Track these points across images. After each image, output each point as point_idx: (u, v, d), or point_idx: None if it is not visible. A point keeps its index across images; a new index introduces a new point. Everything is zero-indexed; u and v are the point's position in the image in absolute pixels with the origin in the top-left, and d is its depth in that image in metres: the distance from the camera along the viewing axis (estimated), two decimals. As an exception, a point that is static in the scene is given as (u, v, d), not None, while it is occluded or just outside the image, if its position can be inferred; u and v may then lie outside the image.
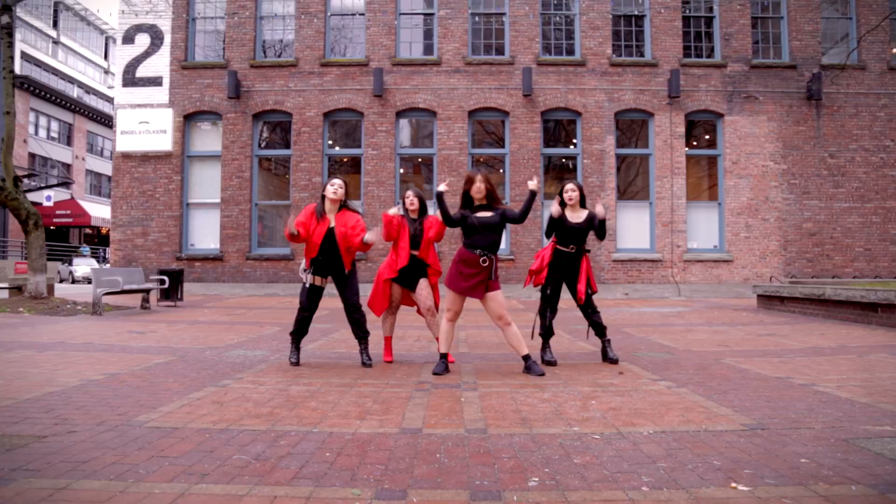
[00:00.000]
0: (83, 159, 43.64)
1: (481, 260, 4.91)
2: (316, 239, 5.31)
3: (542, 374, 4.88)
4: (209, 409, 3.60)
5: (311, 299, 5.54)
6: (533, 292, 15.82)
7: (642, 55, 17.12)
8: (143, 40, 17.19)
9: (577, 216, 5.61)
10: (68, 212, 38.03)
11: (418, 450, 2.83)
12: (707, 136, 17.41)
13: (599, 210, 5.50)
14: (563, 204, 5.67)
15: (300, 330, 5.59)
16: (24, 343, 6.58)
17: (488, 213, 5.05)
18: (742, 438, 3.00)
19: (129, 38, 17.25)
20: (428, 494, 2.28)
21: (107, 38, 52.87)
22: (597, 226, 5.52)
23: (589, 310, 5.61)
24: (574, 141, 16.99)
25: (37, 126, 39.79)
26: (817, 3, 17.17)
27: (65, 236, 42.99)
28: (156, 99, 17.05)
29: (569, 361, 5.66)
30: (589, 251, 5.74)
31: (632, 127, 17.25)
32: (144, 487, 2.31)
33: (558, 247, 5.61)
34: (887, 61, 17.03)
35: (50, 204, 37.26)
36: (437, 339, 5.28)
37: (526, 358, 5.02)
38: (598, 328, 5.63)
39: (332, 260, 5.43)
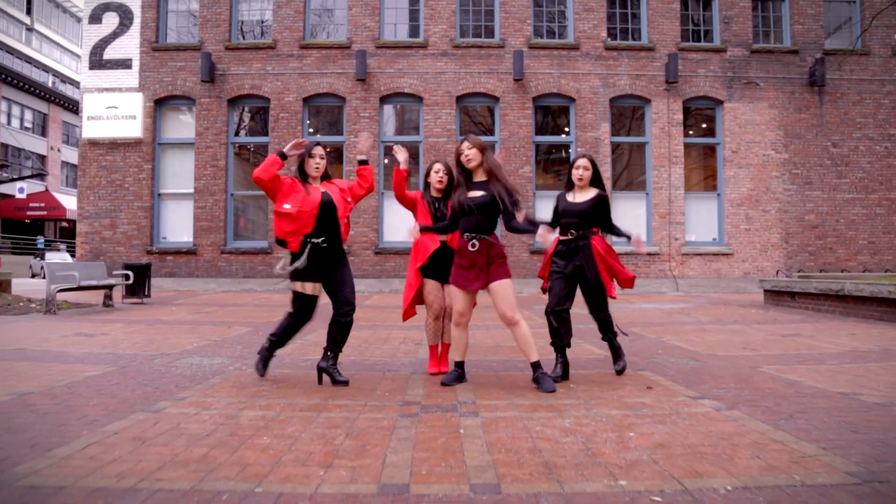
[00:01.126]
0: (59, 150, 42.31)
1: (470, 245, 4.14)
2: (309, 208, 4.15)
3: (553, 391, 4.01)
4: (123, 451, 2.70)
5: (308, 310, 4.33)
6: (524, 286, 15.01)
7: (638, 39, 16.28)
8: (111, 20, 16.10)
9: (581, 195, 4.69)
10: (42, 204, 36.73)
11: (405, 526, 1.96)
12: (706, 124, 16.63)
13: (635, 236, 4.67)
14: (571, 184, 4.79)
15: (283, 340, 4.41)
16: (-56, 349, 5.63)
17: (479, 193, 4.20)
18: (864, 501, 2.14)
19: (95, 18, 16.16)
20: None
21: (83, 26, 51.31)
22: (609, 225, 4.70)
23: (601, 316, 4.71)
24: (567, 128, 16.14)
25: (9, 116, 38.45)
26: (820, -14, 16.42)
27: (39, 230, 41.68)
28: (125, 82, 15.98)
29: (580, 371, 4.81)
30: (595, 233, 4.69)
31: (627, 114, 16.43)
32: None
33: (559, 237, 4.69)
34: (892, 46, 16.30)
35: (23, 196, 35.99)
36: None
37: (535, 366, 4.16)
38: (608, 335, 4.76)
39: (331, 236, 4.24)
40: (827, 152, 16.02)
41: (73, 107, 42.66)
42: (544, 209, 15.09)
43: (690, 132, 16.48)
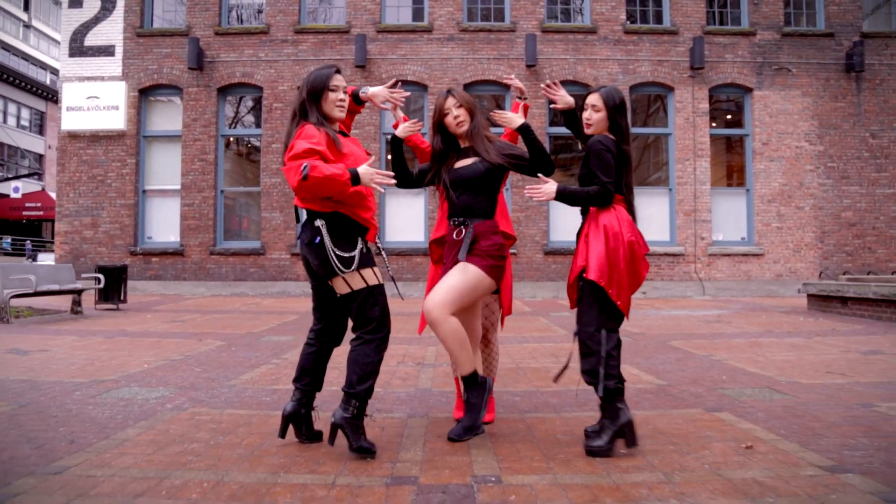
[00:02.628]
0: (56, 149, 41.37)
1: (455, 233, 3.12)
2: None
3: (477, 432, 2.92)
4: None
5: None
6: (538, 290, 13.77)
7: (660, 22, 15.03)
8: (92, 4, 14.96)
9: None
10: (38, 204, 35.79)
11: None
12: (733, 114, 15.37)
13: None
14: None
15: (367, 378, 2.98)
16: None
17: (467, 162, 3.18)
18: None
19: (76, 2, 15.03)
20: None
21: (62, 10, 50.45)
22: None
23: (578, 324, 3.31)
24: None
25: (6, 114, 37.62)
26: (857, -36, 15.14)
27: (36, 230, 40.77)
28: (107, 71, 14.84)
29: (635, 411, 3.57)
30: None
31: (649, 103, 15.21)
32: None
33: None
34: (938, 28, 15.02)
35: (18, 195, 35.03)
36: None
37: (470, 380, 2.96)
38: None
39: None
40: (865, 144, 14.74)
41: (71, 104, 41.76)
42: (562, 206, 13.83)
43: (716, 123, 15.23)
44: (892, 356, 5.52)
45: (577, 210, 3.18)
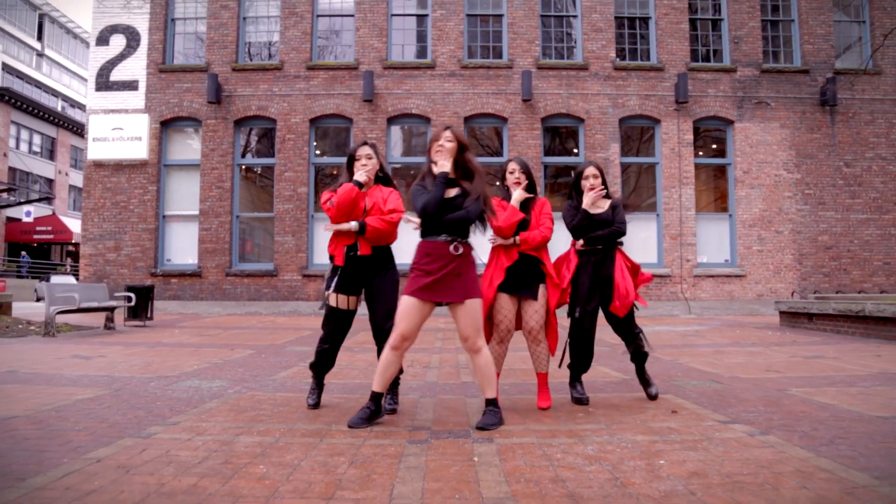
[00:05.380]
0: (66, 174, 42.50)
1: (452, 247, 3.50)
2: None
3: (496, 425, 3.43)
4: (104, 482, 2.47)
5: (334, 324, 3.98)
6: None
7: (648, 59, 16.17)
8: (118, 41, 16.11)
9: (599, 207, 4.48)
10: (49, 228, 36.80)
11: (415, 570, 1.72)
12: (716, 145, 16.43)
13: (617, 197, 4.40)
14: (580, 192, 4.57)
15: (321, 364, 4.08)
16: (-65, 371, 5.42)
17: (454, 191, 3.66)
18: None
19: (103, 40, 16.17)
20: None
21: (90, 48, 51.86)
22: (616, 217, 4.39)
23: (631, 326, 4.35)
24: (576, 149, 15.97)
25: (18, 140, 38.71)
26: (829, 6, 16.31)
27: (46, 253, 41.72)
28: (131, 104, 15.94)
29: (598, 394, 4.55)
30: (622, 244, 4.54)
31: (637, 134, 16.26)
32: None
33: (583, 248, 4.37)
34: (905, 66, 16.15)
35: (30, 220, 36.05)
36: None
37: (489, 402, 3.55)
38: (639, 356, 4.40)
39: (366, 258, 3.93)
40: (840, 172, 15.79)
41: (81, 131, 42.89)
42: (555, 231, 14.83)
43: (701, 153, 16.28)
44: (829, 360, 6.47)
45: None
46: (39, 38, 46.81)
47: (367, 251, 3.89)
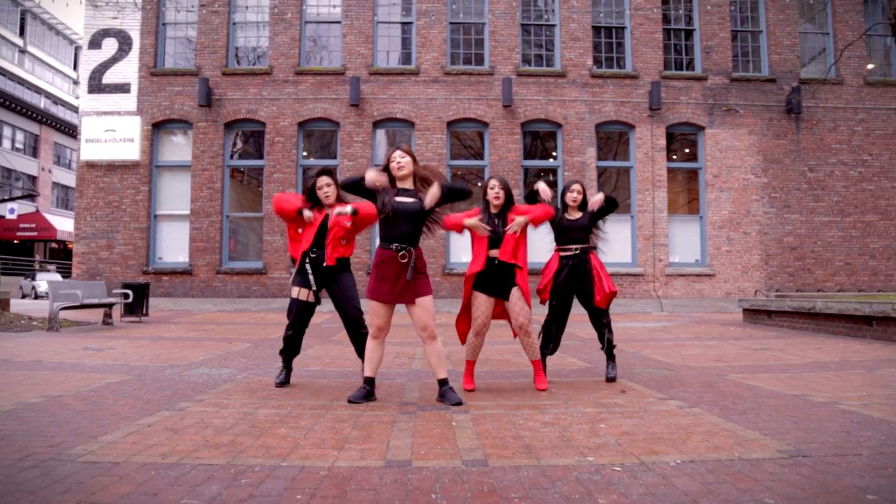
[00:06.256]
0: (50, 171, 42.52)
1: (400, 256, 4.12)
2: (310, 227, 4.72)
3: (460, 403, 4.07)
4: (160, 438, 3.10)
5: (297, 315, 4.76)
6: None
7: (623, 67, 16.92)
8: (110, 45, 16.57)
9: (576, 214, 5.26)
10: (33, 225, 36.89)
11: (409, 488, 2.36)
12: (688, 149, 17.23)
13: (597, 198, 5.14)
14: (564, 207, 5.32)
15: (288, 349, 4.86)
16: (-36, 361, 5.98)
17: (408, 200, 4.21)
18: (786, 469, 2.58)
19: (95, 43, 16.62)
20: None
21: (76, 48, 51.82)
22: (597, 211, 5.22)
23: (604, 320, 5.15)
24: (554, 153, 16.69)
25: (0, 136, 38.71)
26: (795, 18, 17.18)
27: (29, 250, 41.73)
28: (123, 106, 16.42)
29: (563, 379, 5.24)
30: (596, 248, 5.32)
31: (613, 139, 17.01)
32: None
33: (560, 252, 5.20)
34: (864, 76, 17.05)
35: (13, 217, 36.16)
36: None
37: (442, 383, 4.21)
38: (609, 345, 5.16)
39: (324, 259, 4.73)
40: (804, 177, 16.65)
41: (64, 128, 43.00)
42: (533, 231, 15.52)
43: (673, 157, 17.07)
44: (775, 352, 7.21)
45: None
46: (21, 34, 46.71)
47: (332, 262, 4.72)
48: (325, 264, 4.68)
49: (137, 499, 2.21)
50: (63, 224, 38.26)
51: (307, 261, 4.71)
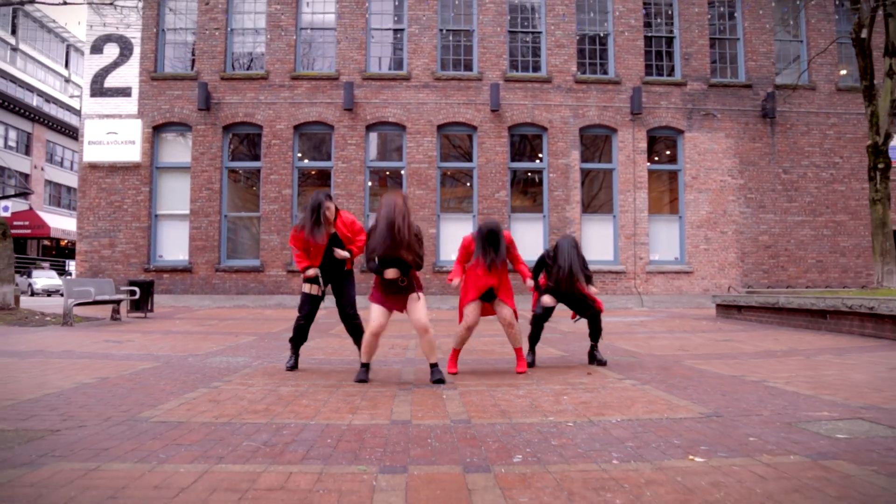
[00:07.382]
0: (42, 169, 42.84)
1: (400, 281, 4.97)
2: (318, 247, 5.46)
3: (443, 382, 4.86)
4: (207, 407, 3.81)
5: (308, 306, 5.60)
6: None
7: (606, 73, 17.69)
8: (111, 50, 17.18)
9: None
10: (26, 223, 37.35)
11: (411, 436, 3.10)
12: (668, 152, 18.03)
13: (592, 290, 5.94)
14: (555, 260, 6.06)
15: (297, 337, 5.65)
16: (2, 351, 6.65)
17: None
18: (699, 423, 3.34)
19: (97, 49, 17.22)
20: (426, 468, 2.56)
21: (68, 47, 52.11)
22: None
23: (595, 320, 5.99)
24: (540, 155, 17.45)
25: (-7, 134, 39.00)
26: (771, 27, 18.00)
27: (22, 248, 42.06)
28: (124, 109, 17.04)
29: (540, 365, 5.98)
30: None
31: (596, 142, 17.78)
32: (169, 468, 2.54)
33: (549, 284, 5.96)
34: (835, 83, 17.90)
35: (7, 214, 36.50)
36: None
37: (433, 365, 4.97)
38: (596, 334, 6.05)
39: (331, 266, 5.57)
40: (778, 178, 17.50)
41: (57, 126, 43.33)
42: (520, 230, 16.35)
43: (654, 159, 17.87)
44: (735, 342, 7.99)
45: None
46: (13, 32, 46.96)
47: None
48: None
49: (209, 443, 2.94)
50: (56, 222, 38.71)
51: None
